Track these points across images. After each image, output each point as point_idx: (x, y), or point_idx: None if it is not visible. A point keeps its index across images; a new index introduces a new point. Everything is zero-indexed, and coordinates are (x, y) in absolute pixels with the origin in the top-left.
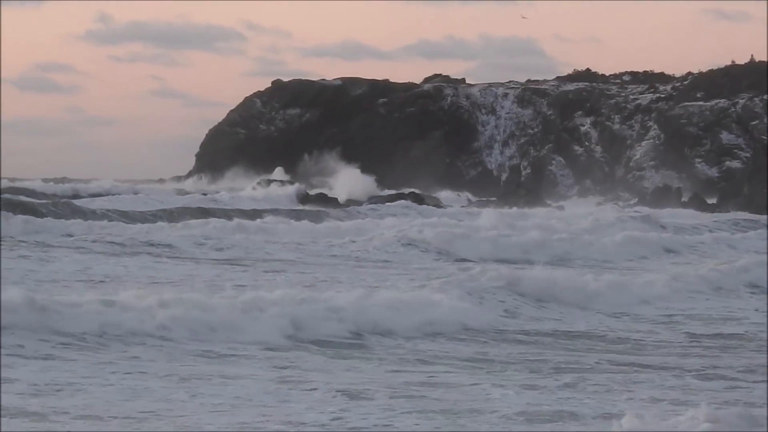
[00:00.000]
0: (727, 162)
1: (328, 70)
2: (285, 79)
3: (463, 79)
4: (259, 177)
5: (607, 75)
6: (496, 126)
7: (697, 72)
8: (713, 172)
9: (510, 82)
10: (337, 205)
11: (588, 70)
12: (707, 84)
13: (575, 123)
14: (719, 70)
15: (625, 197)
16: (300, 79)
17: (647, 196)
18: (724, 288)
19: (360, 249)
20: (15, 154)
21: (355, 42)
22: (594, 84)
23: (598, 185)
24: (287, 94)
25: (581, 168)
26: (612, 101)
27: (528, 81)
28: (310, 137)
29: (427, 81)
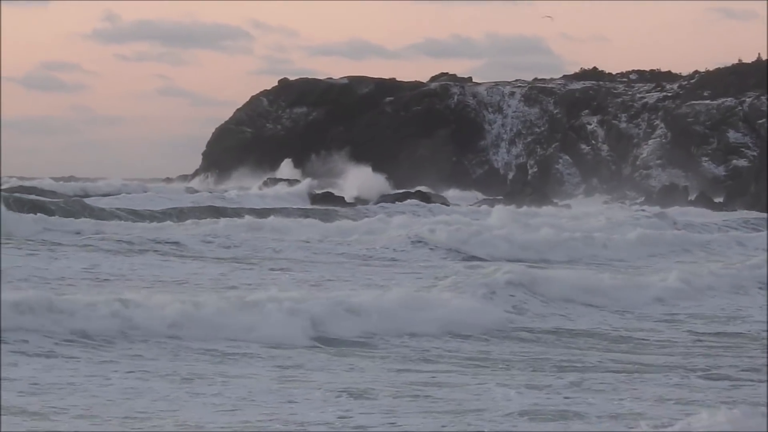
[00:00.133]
0: (734, 160)
1: (334, 68)
2: (291, 78)
3: (470, 78)
4: (266, 175)
5: (614, 74)
6: (502, 125)
7: (704, 71)
8: (720, 170)
9: (516, 80)
10: (347, 204)
11: (595, 68)
12: (714, 82)
13: (582, 122)
14: (726, 68)
15: (632, 196)
16: (306, 78)
17: (654, 194)
18: (737, 287)
19: (370, 248)
20: (21, 152)
21: (362, 41)
22: (601, 83)
23: (604, 184)
24: (294, 92)
25: (588, 167)
26: (619, 100)
27: (535, 80)
28: (316, 136)
29: (434, 80)
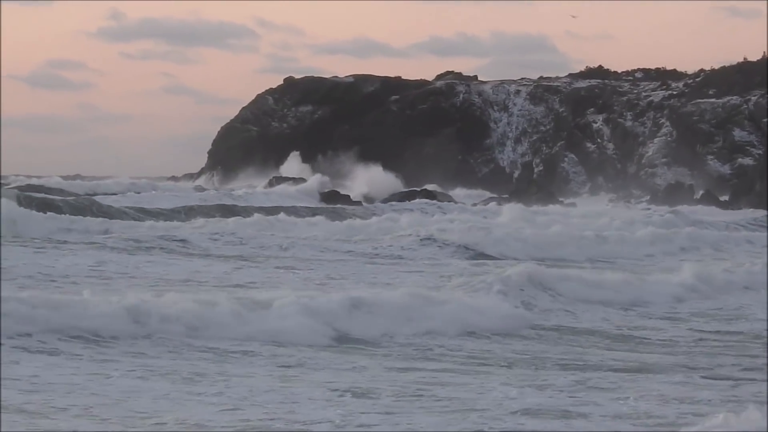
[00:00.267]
0: (740, 159)
1: (340, 67)
2: (297, 77)
3: (475, 76)
4: (273, 173)
5: (620, 72)
6: (508, 123)
7: (710, 69)
8: (725, 169)
9: (522, 79)
10: (357, 203)
11: (600, 67)
12: (719, 81)
13: (587, 120)
14: (731, 67)
15: (637, 194)
16: (312, 77)
17: (659, 193)
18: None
19: (381, 246)
20: (26, 150)
21: (367, 39)
22: (606, 81)
23: (610, 182)
24: (299, 91)
25: (593, 165)
26: (624, 98)
27: (540, 78)
28: (322, 134)
29: (439, 78)
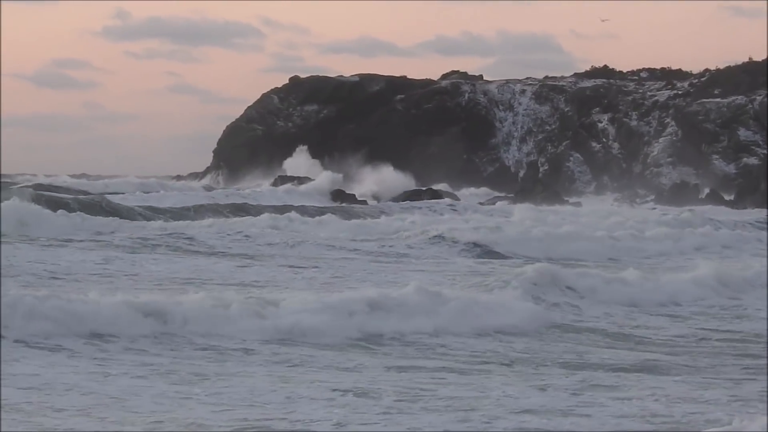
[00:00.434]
0: (745, 158)
1: (345, 66)
2: (302, 76)
3: (481, 76)
4: (278, 172)
5: (625, 71)
6: (513, 122)
7: (715, 69)
8: (730, 168)
9: (527, 78)
10: (362, 202)
11: (605, 66)
12: (724, 80)
13: (592, 119)
14: (736, 66)
15: (642, 194)
16: (317, 76)
17: (664, 192)
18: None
19: (391, 246)
20: (32, 150)
21: (372, 38)
22: (611, 80)
23: (615, 182)
24: (304, 90)
25: (598, 164)
26: (629, 98)
27: (545, 77)
28: (327, 134)
29: (445, 77)
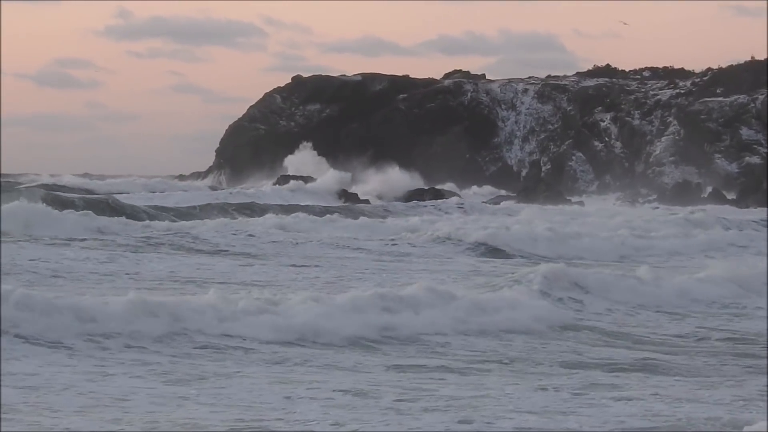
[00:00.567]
0: (747, 157)
1: (348, 65)
2: (305, 75)
3: (483, 75)
4: (280, 172)
5: (627, 71)
6: (516, 122)
7: (717, 68)
8: (733, 167)
9: (530, 77)
10: (364, 201)
11: (608, 65)
12: (727, 80)
13: (595, 119)
14: (739, 65)
15: (645, 193)
16: (320, 75)
17: (667, 191)
18: None
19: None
20: (34, 149)
21: (375, 38)
22: (614, 79)
23: (617, 181)
24: (307, 89)
25: (601, 164)
26: (632, 97)
27: (548, 76)
28: (330, 133)
29: (447, 77)
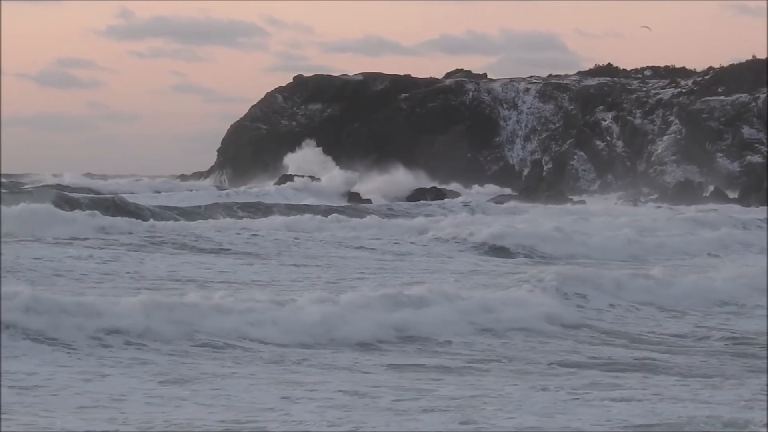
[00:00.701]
0: (749, 156)
1: (349, 65)
2: (306, 75)
3: (485, 74)
4: (282, 172)
5: (629, 70)
6: (517, 121)
7: (719, 67)
8: (735, 166)
9: (531, 77)
10: (366, 200)
11: (609, 65)
12: (728, 79)
13: (597, 118)
14: (740, 64)
15: (646, 192)
16: (321, 75)
17: (669, 191)
18: None
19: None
20: (36, 149)
21: (377, 37)
22: (615, 79)
23: (619, 180)
24: (309, 89)
25: (603, 163)
26: (633, 96)
27: (549, 76)
28: (331, 132)
29: (449, 76)
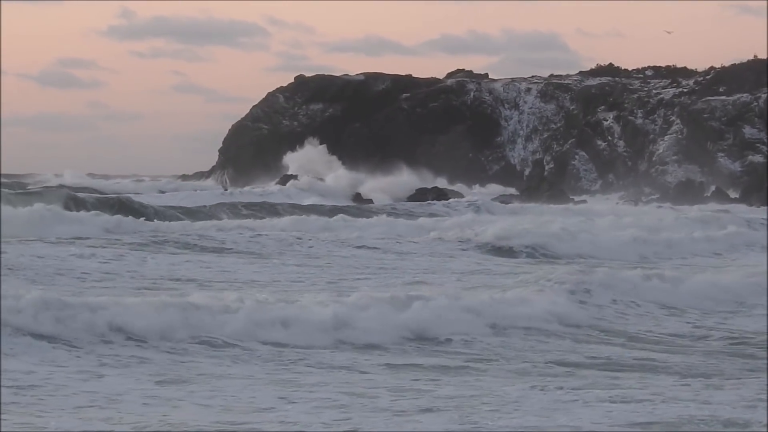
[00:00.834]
0: (750, 156)
1: (350, 65)
2: (308, 75)
3: (486, 74)
4: (282, 172)
5: (630, 69)
6: (519, 121)
7: (720, 66)
8: (736, 166)
9: (533, 77)
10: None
11: (611, 64)
12: (730, 78)
13: (598, 117)
14: (741, 64)
15: (648, 192)
16: (323, 75)
17: (670, 190)
18: None
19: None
20: (36, 149)
21: (378, 37)
22: (617, 78)
23: (620, 180)
24: (310, 89)
25: (604, 163)
26: (635, 96)
27: (551, 76)
28: (333, 132)
29: (450, 76)
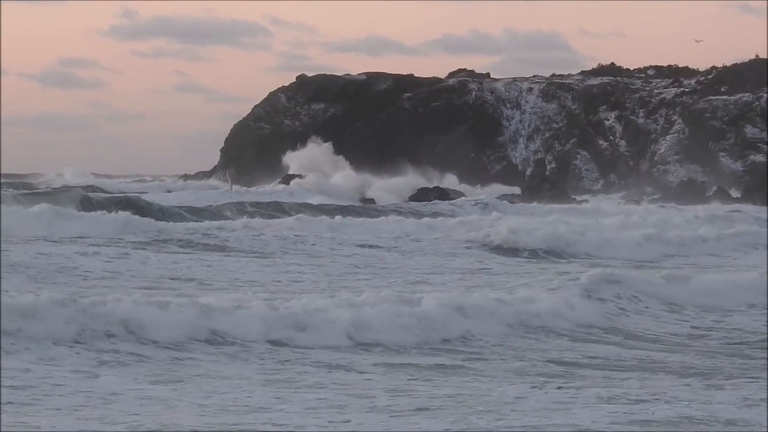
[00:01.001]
0: (752, 156)
1: (352, 65)
2: (309, 74)
3: (488, 74)
4: (284, 171)
5: (632, 69)
6: (520, 120)
7: (721, 66)
8: (737, 166)
9: (534, 76)
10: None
11: (612, 64)
12: (731, 78)
13: (600, 117)
14: (743, 64)
15: (649, 192)
16: (324, 74)
17: (672, 190)
18: None
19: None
20: (38, 149)
21: (380, 37)
22: (618, 78)
23: (622, 179)
24: (312, 89)
25: (606, 162)
26: (636, 95)
27: (552, 75)
28: (335, 132)
29: (452, 76)
